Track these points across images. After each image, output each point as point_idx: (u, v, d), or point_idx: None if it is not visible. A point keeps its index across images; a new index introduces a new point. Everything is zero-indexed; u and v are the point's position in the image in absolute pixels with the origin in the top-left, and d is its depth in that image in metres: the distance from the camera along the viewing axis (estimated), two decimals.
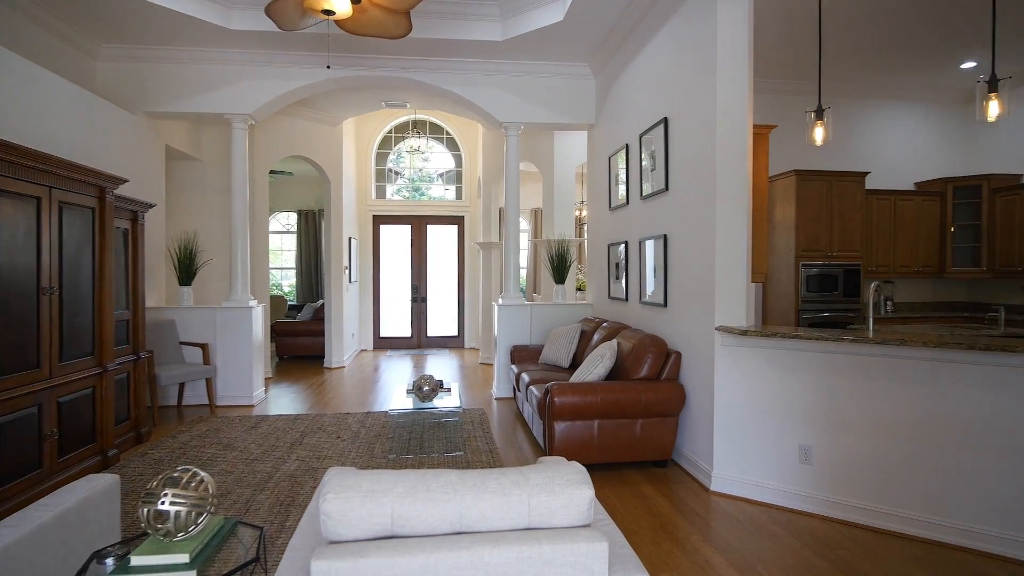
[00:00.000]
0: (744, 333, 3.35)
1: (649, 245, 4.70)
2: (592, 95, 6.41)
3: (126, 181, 4.36)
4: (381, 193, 10.45)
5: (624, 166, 5.35)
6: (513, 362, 5.93)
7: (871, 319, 3.37)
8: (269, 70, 5.95)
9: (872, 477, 3.12)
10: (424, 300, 10.44)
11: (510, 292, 6.39)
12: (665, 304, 4.39)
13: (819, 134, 3.60)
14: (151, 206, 5.00)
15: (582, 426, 3.85)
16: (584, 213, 10.22)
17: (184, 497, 1.61)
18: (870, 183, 7.13)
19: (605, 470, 4.01)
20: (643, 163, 4.86)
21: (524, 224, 11.82)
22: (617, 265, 5.60)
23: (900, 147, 7.32)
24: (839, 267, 6.45)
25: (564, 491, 1.40)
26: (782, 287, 6.55)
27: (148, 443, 4.69)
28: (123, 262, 4.64)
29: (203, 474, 1.71)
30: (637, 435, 3.90)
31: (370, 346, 10.28)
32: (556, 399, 3.79)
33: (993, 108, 2.95)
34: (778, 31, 5.46)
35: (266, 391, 6.74)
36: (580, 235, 10.57)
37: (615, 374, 4.22)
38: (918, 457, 2.99)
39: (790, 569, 2.71)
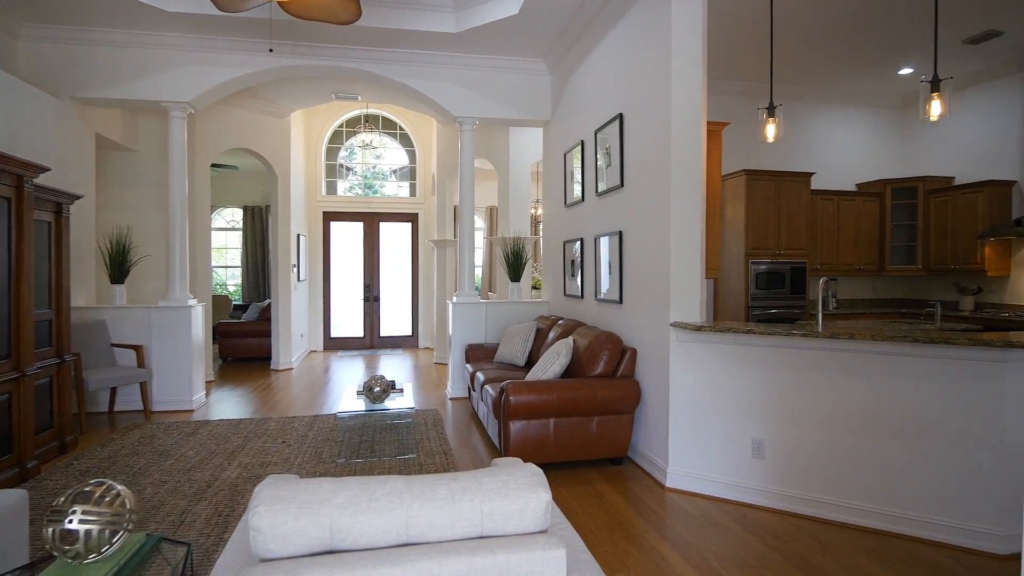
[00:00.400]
0: (699, 329, 3.35)
1: (604, 242, 4.67)
2: (547, 91, 6.37)
3: (47, 169, 4.02)
4: (332, 189, 10.14)
5: (579, 163, 5.32)
6: (468, 361, 5.82)
7: (820, 314, 3.43)
8: (209, 56, 5.64)
9: (823, 470, 3.17)
10: (377, 299, 10.19)
11: (465, 290, 6.27)
12: (620, 301, 4.37)
13: (771, 131, 3.64)
14: (77, 197, 4.65)
15: (538, 425, 3.78)
16: (540, 211, 10.20)
17: (96, 514, 1.44)
18: (815, 184, 7.34)
19: (561, 469, 3.96)
20: (598, 160, 4.84)
21: (479, 222, 11.71)
22: (572, 262, 5.56)
23: (843, 149, 7.58)
24: (786, 265, 6.62)
25: (519, 496, 1.32)
26: (732, 284, 6.67)
27: (74, 453, 4.35)
28: (46, 258, 4.29)
29: (119, 487, 1.54)
30: (593, 433, 3.86)
31: (320, 347, 9.96)
32: (511, 398, 3.71)
33: (935, 107, 3.04)
34: (727, 35, 5.54)
35: (207, 395, 6.41)
36: (536, 233, 10.54)
37: (571, 371, 4.17)
38: (866, 449, 3.05)
39: (745, 564, 2.70)
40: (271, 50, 4.67)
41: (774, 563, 2.71)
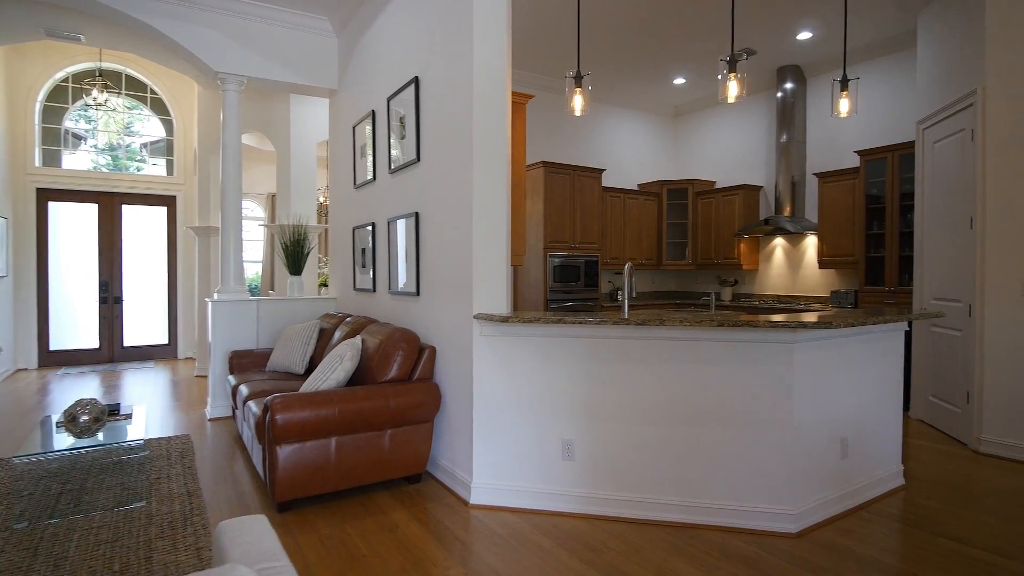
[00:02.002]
0: (505, 320, 2.94)
1: (399, 226, 4.07)
2: (334, 56, 5.55)
3: None
4: (53, 160, 7.91)
5: (371, 136, 4.64)
6: (232, 372, 4.75)
7: (627, 301, 3.27)
8: None
9: (632, 466, 2.97)
10: (118, 300, 8.21)
11: (229, 285, 5.16)
12: (417, 293, 3.81)
13: (578, 102, 3.40)
14: None
15: (316, 447, 3.04)
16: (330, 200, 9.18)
17: None
18: (605, 181, 7.64)
19: (347, 498, 3.26)
20: (391, 132, 4.22)
21: (258, 210, 10.25)
22: (363, 251, 4.85)
23: (627, 150, 8.01)
24: (581, 258, 6.70)
25: None
26: (532, 277, 6.56)
27: None
28: None
29: None
30: (386, 449, 3.24)
31: (34, 363, 7.68)
32: (278, 416, 2.91)
33: (732, 88, 3.06)
34: (526, 22, 5.35)
35: None
36: (327, 223, 9.49)
37: (359, 378, 3.50)
38: (672, 439, 2.92)
39: None
40: None
41: None
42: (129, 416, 3.54)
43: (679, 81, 7.23)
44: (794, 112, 6.69)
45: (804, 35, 5.83)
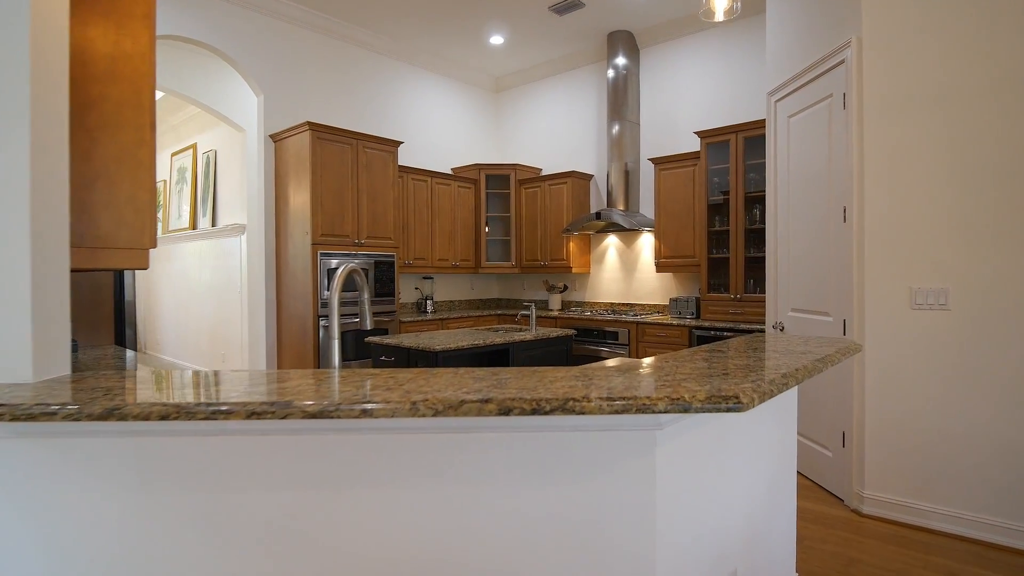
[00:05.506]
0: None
1: None
2: None
3: None
4: None
5: None
6: None
7: (337, 355, 1.65)
8: None
9: None
10: None
11: None
12: None
13: None
14: None
15: None
16: None
17: None
18: (405, 159, 6.05)
19: None
20: None
21: None
22: None
23: (440, 125, 6.49)
24: (370, 259, 5.02)
25: None
26: (299, 285, 4.73)
27: None
28: None
29: None
30: None
31: None
32: None
33: None
34: None
35: None
36: None
37: None
38: None
39: None
40: None
41: None
42: None
43: (497, 40, 5.87)
44: (627, 88, 5.66)
45: None
